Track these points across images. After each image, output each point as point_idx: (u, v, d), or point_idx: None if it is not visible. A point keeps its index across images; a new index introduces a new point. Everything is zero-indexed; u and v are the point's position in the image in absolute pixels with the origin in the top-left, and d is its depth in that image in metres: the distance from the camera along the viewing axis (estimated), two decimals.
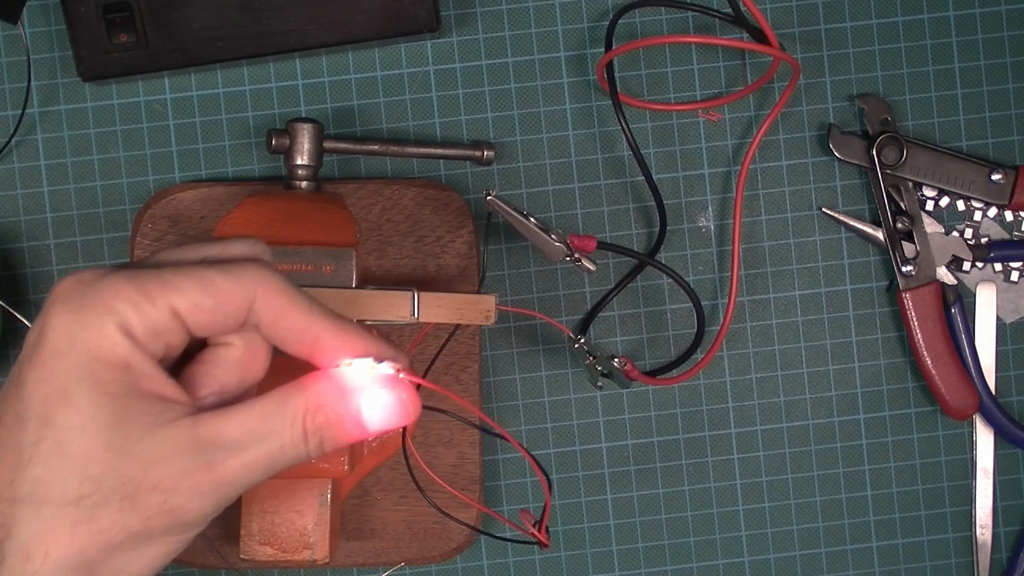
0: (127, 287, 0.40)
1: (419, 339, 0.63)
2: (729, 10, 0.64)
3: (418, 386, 0.45)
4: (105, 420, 0.39)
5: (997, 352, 0.68)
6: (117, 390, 0.40)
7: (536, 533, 0.50)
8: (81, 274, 0.41)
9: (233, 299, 0.41)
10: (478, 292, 0.59)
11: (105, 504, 0.40)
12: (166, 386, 0.41)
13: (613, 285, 0.66)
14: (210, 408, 0.43)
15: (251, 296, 0.42)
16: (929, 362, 0.66)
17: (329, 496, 0.59)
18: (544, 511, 0.52)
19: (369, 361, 0.44)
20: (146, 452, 0.40)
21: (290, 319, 0.43)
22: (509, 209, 0.59)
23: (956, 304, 0.67)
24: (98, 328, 0.39)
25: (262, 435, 0.41)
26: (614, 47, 0.64)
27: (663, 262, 0.65)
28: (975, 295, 0.68)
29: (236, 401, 0.44)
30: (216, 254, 0.44)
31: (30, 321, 0.64)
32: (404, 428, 0.54)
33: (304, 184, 0.62)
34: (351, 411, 0.43)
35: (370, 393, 0.43)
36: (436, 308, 0.57)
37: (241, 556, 0.59)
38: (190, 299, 0.41)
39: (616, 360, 0.60)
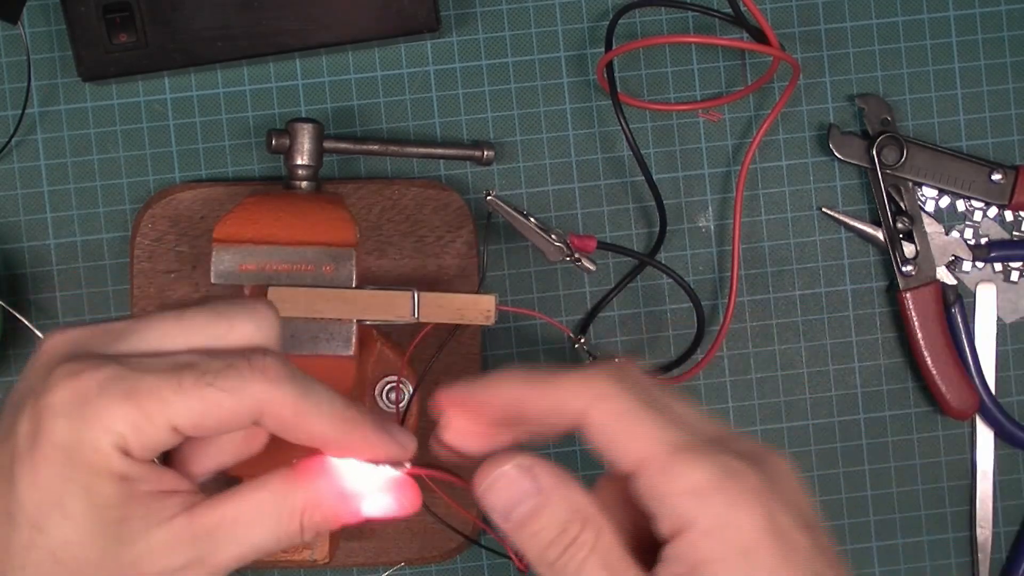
0: (125, 408, 0.39)
1: (419, 339, 0.63)
2: (729, 10, 0.64)
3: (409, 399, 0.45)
4: (100, 531, 0.39)
5: (997, 352, 0.68)
6: (113, 502, 0.40)
7: (515, 558, 0.50)
8: (77, 381, 0.40)
9: (236, 418, 0.41)
10: (478, 292, 0.59)
11: None
12: (163, 480, 0.41)
13: (613, 285, 0.66)
14: (207, 484, 0.43)
15: (256, 414, 0.41)
16: (929, 362, 0.66)
17: None
18: None
19: (372, 467, 0.44)
20: (141, 554, 0.40)
21: (295, 430, 0.42)
22: (509, 209, 0.59)
23: (956, 304, 0.67)
24: (94, 448, 0.39)
25: (259, 530, 0.41)
26: (614, 47, 0.64)
27: (663, 262, 0.65)
28: (975, 295, 0.68)
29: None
30: (220, 337, 0.42)
31: (30, 321, 0.64)
32: None
33: (304, 184, 0.62)
34: (350, 509, 0.43)
35: (370, 495, 0.44)
36: (436, 308, 0.57)
37: None
38: (190, 420, 0.40)
39: (616, 360, 0.60)
